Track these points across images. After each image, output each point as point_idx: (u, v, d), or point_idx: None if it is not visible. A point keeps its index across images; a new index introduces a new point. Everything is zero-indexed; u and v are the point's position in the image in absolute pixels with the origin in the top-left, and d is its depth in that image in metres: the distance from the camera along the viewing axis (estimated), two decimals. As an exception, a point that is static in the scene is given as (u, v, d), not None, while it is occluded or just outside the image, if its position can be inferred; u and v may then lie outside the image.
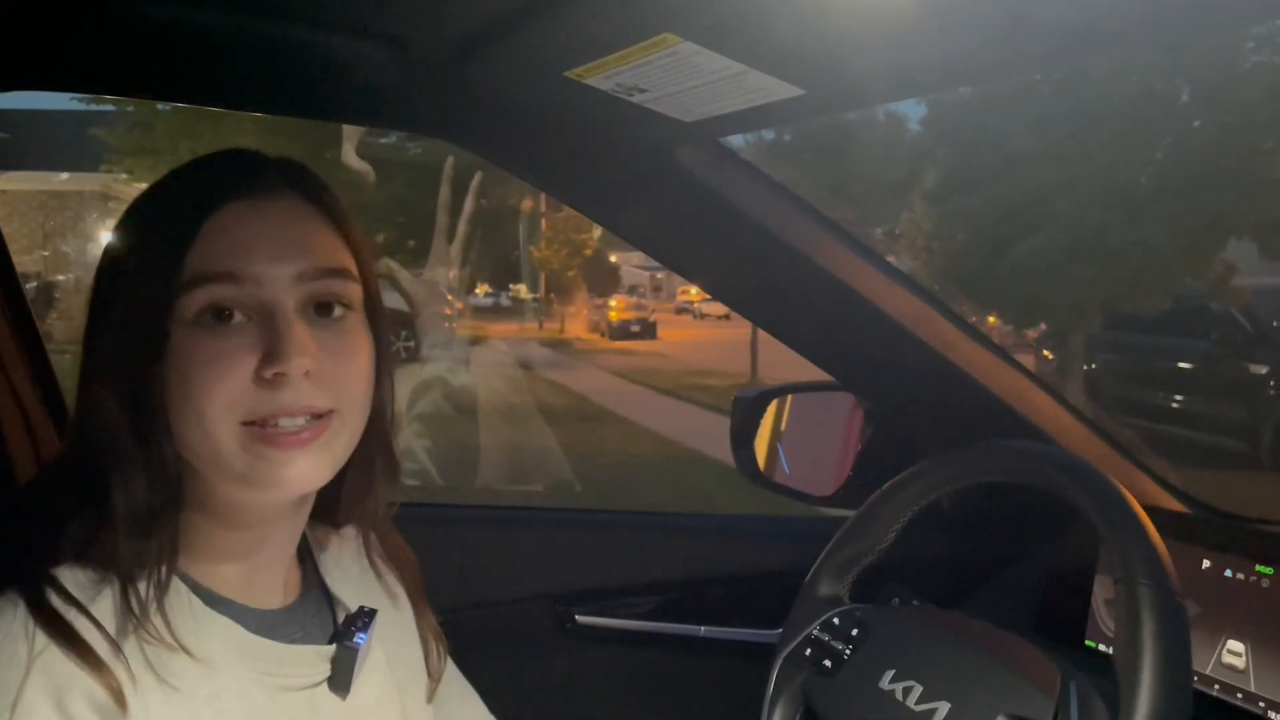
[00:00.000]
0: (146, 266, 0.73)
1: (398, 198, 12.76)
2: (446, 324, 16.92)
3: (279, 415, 0.72)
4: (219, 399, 0.71)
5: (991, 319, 12.88)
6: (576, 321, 27.06)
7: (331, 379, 0.75)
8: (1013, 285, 8.10)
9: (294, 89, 1.04)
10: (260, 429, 0.72)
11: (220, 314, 0.72)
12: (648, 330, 24.03)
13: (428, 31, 0.93)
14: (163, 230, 0.74)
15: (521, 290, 30.96)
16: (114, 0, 0.87)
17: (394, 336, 0.88)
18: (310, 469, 0.74)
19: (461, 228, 8.42)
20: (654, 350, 20.28)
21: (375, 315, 0.81)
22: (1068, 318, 8.30)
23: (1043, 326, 9.68)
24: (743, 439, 1.67)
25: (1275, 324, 7.27)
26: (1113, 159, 7.35)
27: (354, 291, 0.78)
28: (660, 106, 0.95)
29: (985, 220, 8.17)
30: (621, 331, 24.10)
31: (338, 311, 0.76)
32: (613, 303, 25.45)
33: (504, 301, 32.41)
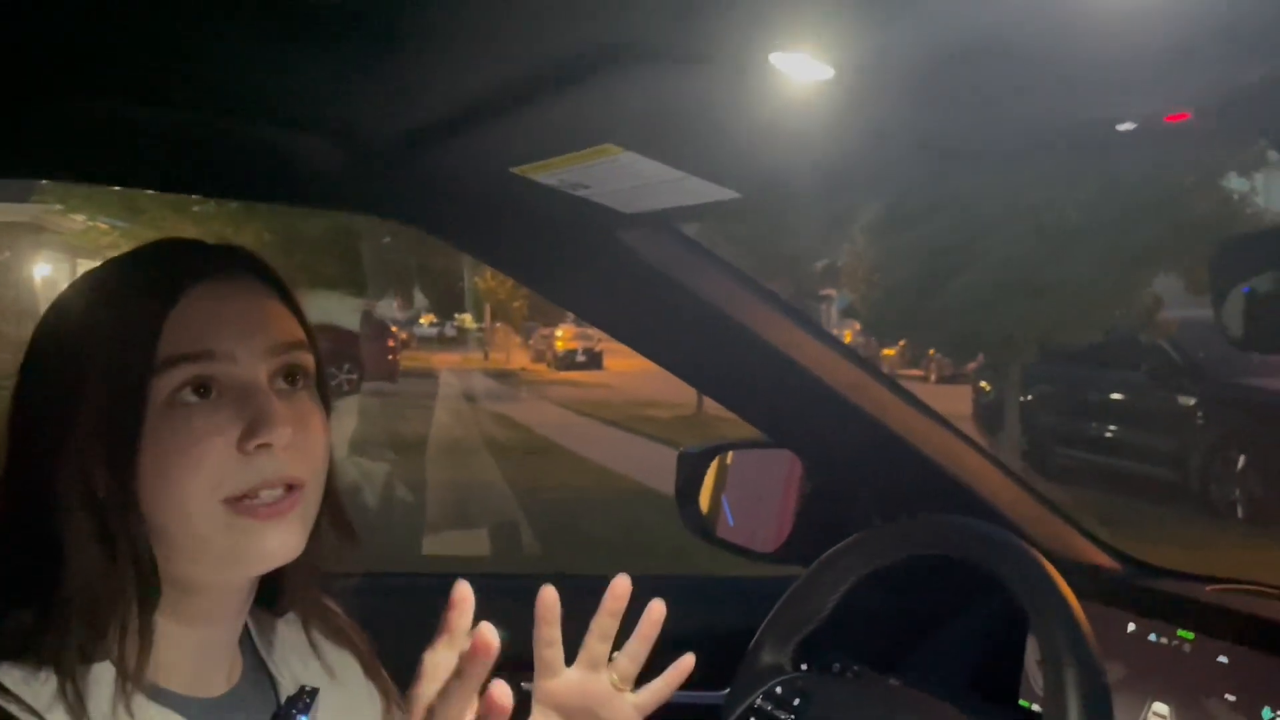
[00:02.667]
0: (118, 350, 0.73)
1: (339, 228, 12.67)
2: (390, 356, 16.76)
3: (260, 488, 0.74)
4: (203, 474, 0.72)
5: (931, 351, 13.15)
6: (522, 352, 26.96)
7: (302, 449, 0.77)
8: (950, 318, 8.25)
9: (248, 176, 1.06)
10: (239, 503, 0.74)
11: (198, 390, 0.74)
12: (594, 360, 23.93)
13: (376, 125, 0.96)
14: (131, 314, 0.74)
15: (466, 320, 30.81)
16: (79, 97, 0.88)
17: (336, 369, 0.90)
18: (288, 540, 0.76)
19: None
20: (600, 381, 20.23)
21: (324, 388, 0.83)
22: (1003, 350, 8.49)
23: (980, 358, 9.88)
24: (688, 495, 1.69)
25: (1201, 355, 7.50)
26: (1044, 196, 7.57)
27: (311, 363, 0.81)
28: (602, 200, 0.98)
29: (923, 255, 8.33)
30: (567, 362, 23.99)
31: (301, 382, 0.79)
32: (559, 332, 25.34)
33: (448, 331, 32.20)
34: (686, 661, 0.91)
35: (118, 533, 0.73)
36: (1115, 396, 8.26)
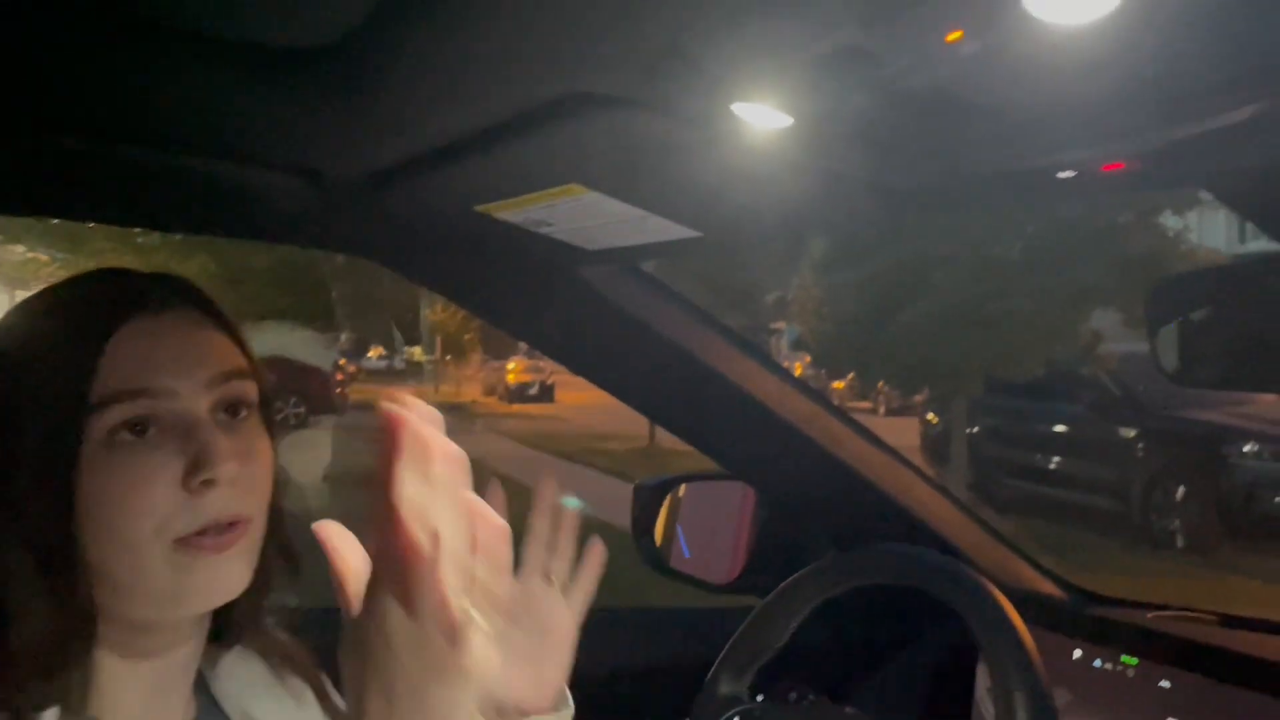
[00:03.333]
0: (51, 391, 0.72)
1: (287, 260, 12.57)
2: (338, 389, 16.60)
3: (207, 527, 0.73)
4: (148, 517, 0.71)
5: (880, 384, 13.33)
6: (473, 384, 26.78)
7: (246, 482, 0.76)
8: (897, 351, 8.39)
9: (211, 212, 1.06)
10: (184, 541, 0.72)
11: (136, 429, 0.72)
12: (545, 393, 23.85)
13: (341, 164, 0.97)
14: (64, 353, 0.73)
15: (416, 352, 30.56)
16: (42, 132, 0.89)
17: (282, 403, 0.89)
18: (232, 575, 0.75)
19: None
20: (552, 414, 20.16)
21: (269, 417, 0.82)
22: (949, 383, 8.64)
23: (926, 391, 10.04)
24: (644, 527, 1.70)
25: (1141, 388, 7.68)
26: (986, 233, 7.76)
27: (254, 393, 0.79)
28: (565, 237, 1.00)
29: (871, 289, 8.48)
30: (519, 394, 23.87)
31: (243, 413, 0.78)
32: (510, 365, 25.21)
33: (398, 364, 31.90)
34: (598, 548, 0.89)
35: (60, 581, 0.71)
36: (1058, 429, 8.43)
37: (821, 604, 1.22)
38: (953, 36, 0.50)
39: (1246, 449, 6.99)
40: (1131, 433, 7.70)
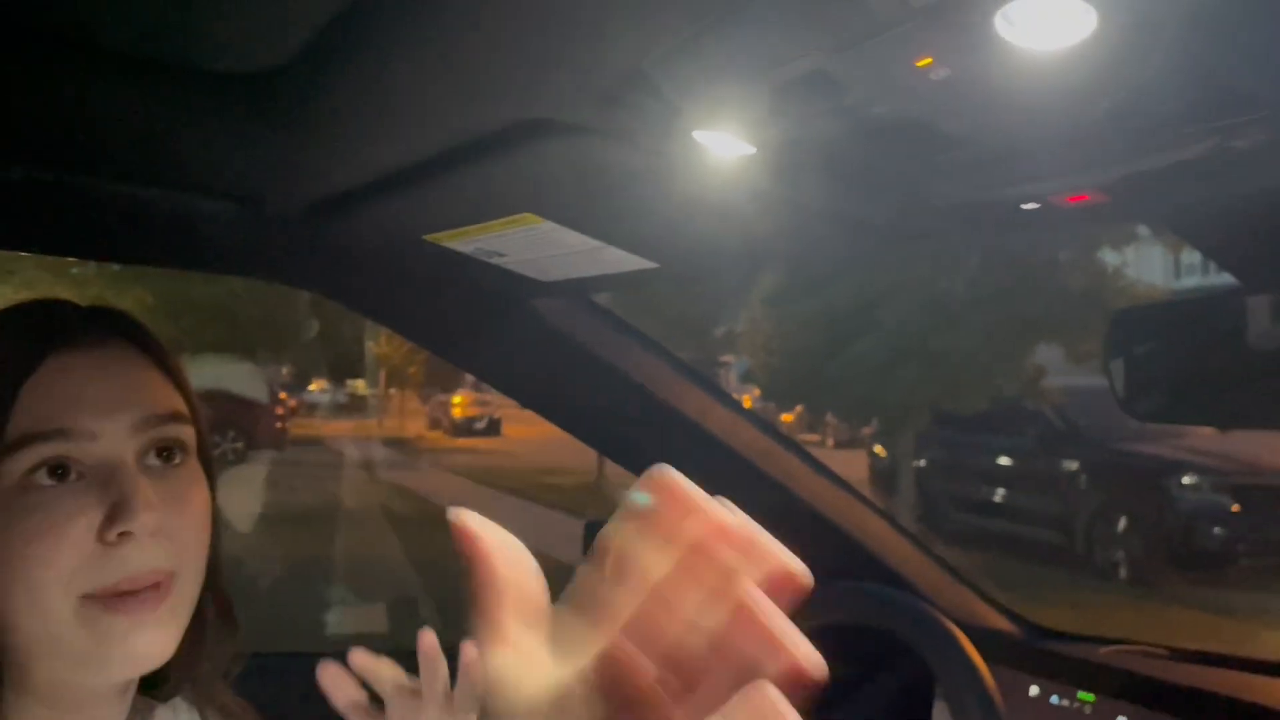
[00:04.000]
0: None
1: (227, 291, 12.37)
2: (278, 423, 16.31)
3: (122, 583, 0.68)
4: (59, 567, 0.66)
5: (828, 416, 13.43)
6: (418, 418, 26.47)
7: (174, 534, 0.71)
8: (845, 385, 8.47)
9: (153, 242, 1.02)
10: (100, 599, 0.68)
11: (55, 472, 0.68)
12: (492, 427, 23.61)
13: (284, 194, 0.94)
14: None
15: (360, 386, 30.13)
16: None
17: (221, 438, 0.85)
18: (157, 639, 0.70)
19: None
20: (499, 448, 19.96)
21: (208, 461, 0.78)
22: (896, 416, 8.73)
23: (874, 424, 10.13)
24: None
25: (1083, 421, 7.82)
26: (931, 269, 7.89)
27: (190, 436, 0.75)
28: (519, 269, 0.98)
29: (819, 322, 8.57)
30: (465, 428, 23.61)
31: (177, 458, 0.74)
32: (456, 398, 24.94)
33: (340, 398, 31.42)
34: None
35: None
36: (1003, 461, 8.54)
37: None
38: (922, 62, 0.49)
39: (1186, 481, 7.13)
40: (1075, 465, 7.82)
